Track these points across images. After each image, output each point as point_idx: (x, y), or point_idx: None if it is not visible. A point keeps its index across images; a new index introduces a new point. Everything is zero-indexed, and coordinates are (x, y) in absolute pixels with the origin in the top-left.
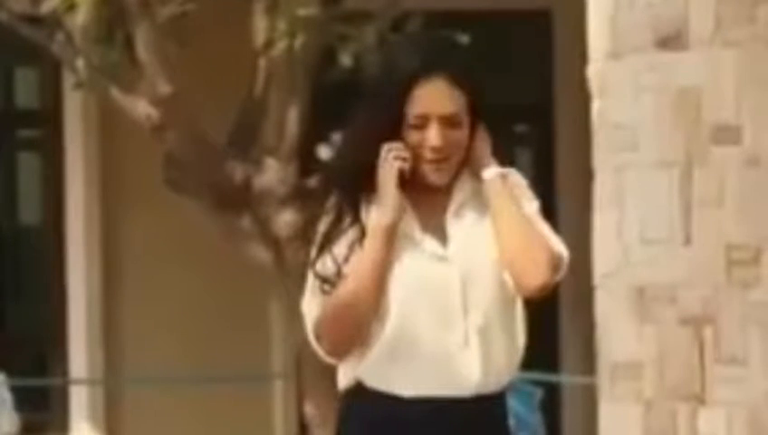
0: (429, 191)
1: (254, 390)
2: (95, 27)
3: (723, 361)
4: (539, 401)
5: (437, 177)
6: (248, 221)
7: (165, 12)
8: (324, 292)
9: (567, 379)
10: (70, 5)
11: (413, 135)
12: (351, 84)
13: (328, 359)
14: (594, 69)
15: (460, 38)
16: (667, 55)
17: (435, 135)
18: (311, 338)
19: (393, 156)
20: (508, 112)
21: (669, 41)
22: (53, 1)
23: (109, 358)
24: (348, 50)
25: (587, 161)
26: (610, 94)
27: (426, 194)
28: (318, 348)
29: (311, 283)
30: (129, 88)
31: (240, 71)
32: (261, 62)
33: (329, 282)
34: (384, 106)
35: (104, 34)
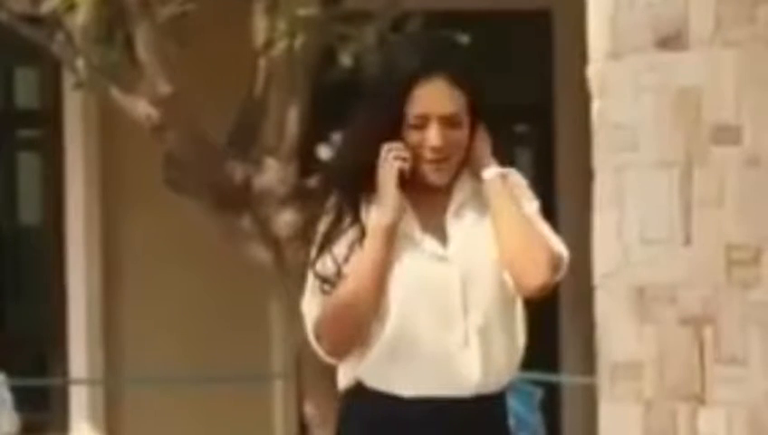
0: (429, 191)
1: (254, 390)
2: (95, 27)
3: (723, 361)
4: (539, 401)
5: (437, 177)
6: (248, 221)
7: (165, 12)
8: (324, 292)
9: (567, 379)
10: (70, 5)
11: (413, 135)
12: (351, 84)
13: (328, 359)
14: (594, 69)
15: (460, 38)
16: (667, 55)
17: (435, 135)
18: (311, 338)
19: (393, 156)
20: (508, 112)
21: (669, 41)
22: (53, 1)
23: (109, 358)
24: (348, 50)
25: (587, 161)
26: (610, 94)
27: (426, 194)
28: (318, 348)
29: (311, 283)
30: (129, 88)
31: (240, 71)
32: (261, 62)
33: (329, 282)
34: (384, 106)
35: (104, 34)
